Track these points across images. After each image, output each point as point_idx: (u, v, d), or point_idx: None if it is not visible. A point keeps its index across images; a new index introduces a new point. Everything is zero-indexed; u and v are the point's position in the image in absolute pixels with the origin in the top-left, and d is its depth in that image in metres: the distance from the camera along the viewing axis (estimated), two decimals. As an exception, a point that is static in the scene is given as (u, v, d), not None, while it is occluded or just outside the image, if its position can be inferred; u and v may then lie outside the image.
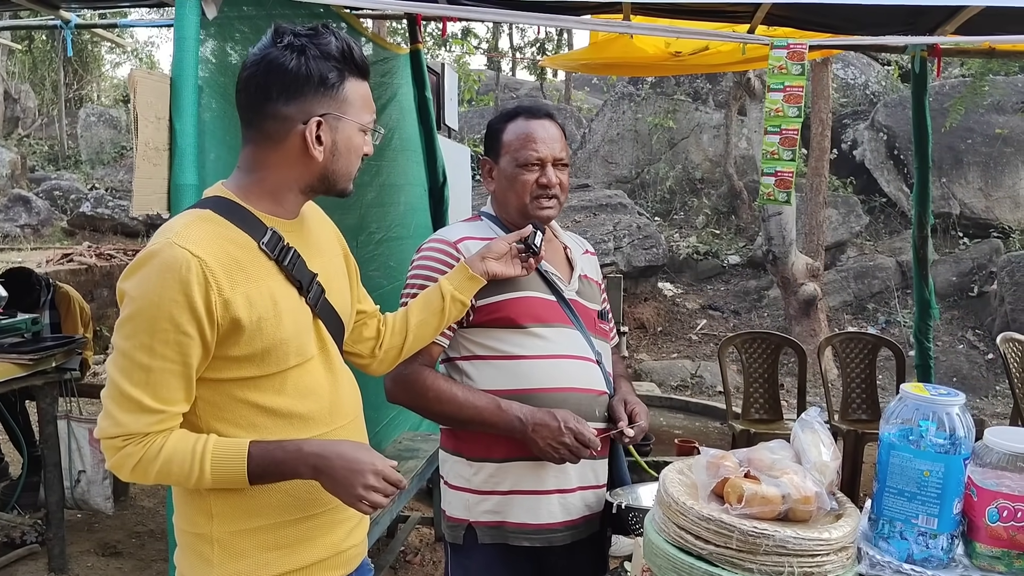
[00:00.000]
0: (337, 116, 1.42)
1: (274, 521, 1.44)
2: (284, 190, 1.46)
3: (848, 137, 12.76)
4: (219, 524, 1.42)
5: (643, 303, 10.69)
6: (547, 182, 1.95)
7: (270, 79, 1.39)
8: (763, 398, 5.09)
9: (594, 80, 20.50)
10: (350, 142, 1.46)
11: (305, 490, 1.45)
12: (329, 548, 1.51)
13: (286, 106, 1.40)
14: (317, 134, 1.41)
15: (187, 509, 1.46)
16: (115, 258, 9.42)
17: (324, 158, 1.43)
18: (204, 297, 1.30)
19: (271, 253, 1.41)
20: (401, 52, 4.24)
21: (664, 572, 1.37)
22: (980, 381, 8.82)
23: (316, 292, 1.49)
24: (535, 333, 1.92)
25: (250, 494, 1.41)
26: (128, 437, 1.32)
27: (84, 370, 4.53)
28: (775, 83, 3.46)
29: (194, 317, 1.30)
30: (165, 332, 1.30)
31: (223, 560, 1.42)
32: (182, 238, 1.32)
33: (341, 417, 1.53)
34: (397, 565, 3.96)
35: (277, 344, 1.39)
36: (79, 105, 19.40)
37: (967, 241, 10.99)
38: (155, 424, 1.33)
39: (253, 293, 1.37)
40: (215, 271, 1.32)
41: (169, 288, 1.29)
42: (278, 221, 1.46)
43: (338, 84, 1.42)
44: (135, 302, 1.31)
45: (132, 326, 1.31)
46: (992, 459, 1.32)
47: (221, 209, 1.41)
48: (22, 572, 3.81)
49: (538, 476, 1.91)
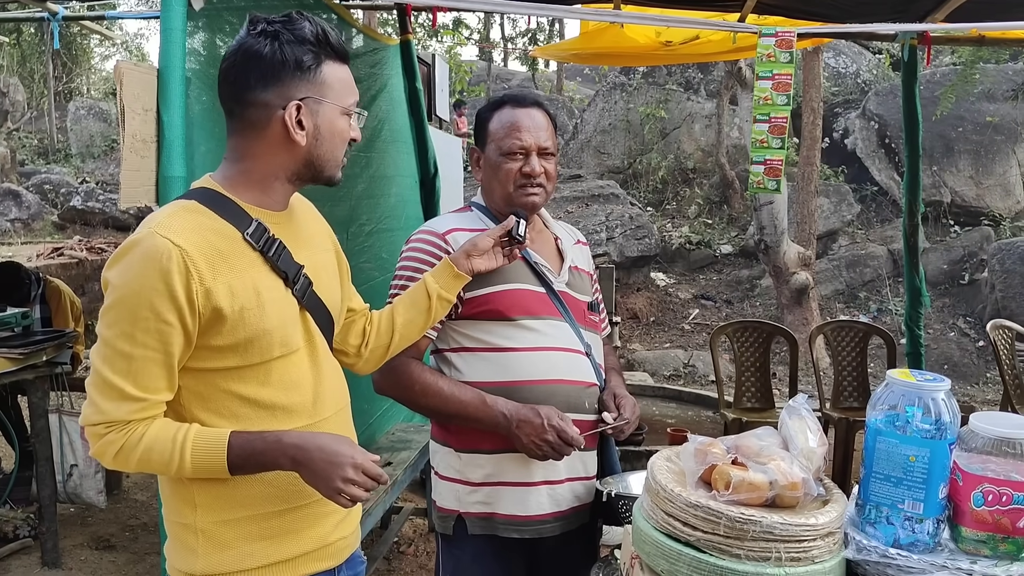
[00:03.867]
0: (317, 99, 1.43)
1: (258, 512, 1.44)
2: (271, 179, 1.47)
3: (839, 126, 12.78)
4: (203, 514, 1.43)
5: (636, 293, 10.71)
6: (530, 171, 1.94)
7: (248, 67, 1.40)
8: (755, 387, 5.10)
9: (586, 70, 20.50)
10: (332, 125, 1.46)
11: (289, 482, 1.45)
12: (315, 540, 1.51)
13: (264, 92, 1.40)
14: (297, 118, 1.41)
15: (173, 499, 1.46)
16: (106, 252, 9.40)
17: (307, 143, 1.44)
18: (185, 286, 1.31)
19: (255, 244, 1.42)
20: (391, 43, 4.22)
21: (652, 559, 1.37)
22: (971, 368, 8.86)
23: (303, 284, 1.49)
24: (524, 325, 1.92)
25: (233, 484, 1.42)
26: (110, 425, 1.33)
27: (75, 364, 4.52)
28: (764, 71, 3.46)
29: (175, 306, 1.31)
30: (146, 321, 1.30)
31: (208, 550, 1.43)
32: (164, 228, 1.32)
33: (325, 410, 1.53)
34: (391, 556, 3.97)
35: (260, 334, 1.39)
36: (68, 98, 19.28)
37: (958, 229, 11.03)
38: (136, 412, 1.33)
39: (235, 283, 1.37)
40: (196, 261, 1.32)
41: (150, 277, 1.29)
42: (264, 212, 1.46)
43: (315, 67, 1.42)
44: (117, 291, 1.32)
45: (114, 315, 1.32)
46: (977, 444, 1.33)
47: (206, 200, 1.41)
48: (15, 566, 3.80)
49: (526, 468, 1.91)
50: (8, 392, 4.43)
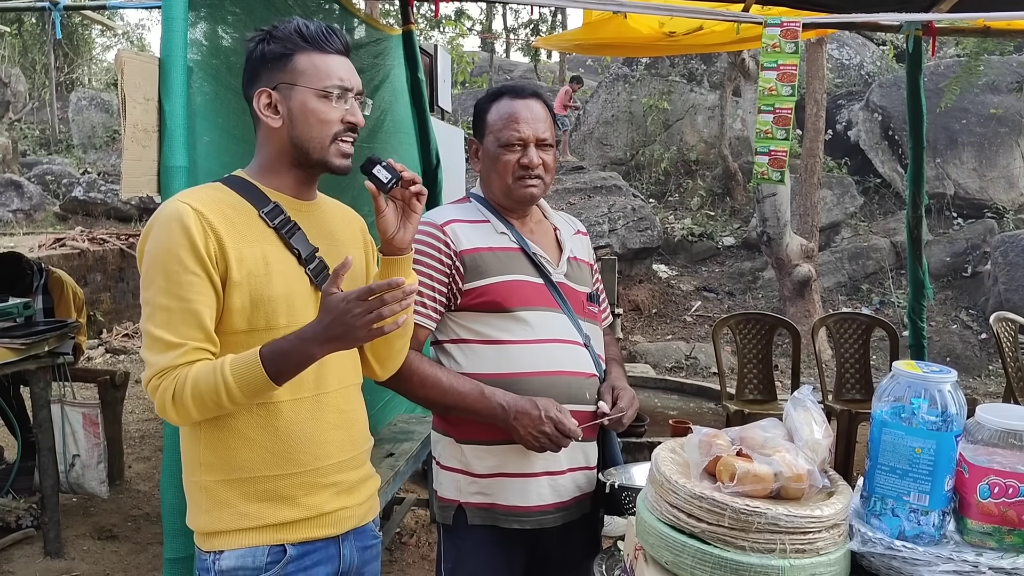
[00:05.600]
0: (289, 85, 1.55)
1: (253, 475, 1.53)
2: (276, 164, 1.60)
3: (843, 118, 12.74)
4: (207, 472, 1.54)
5: (638, 285, 10.71)
6: (528, 163, 1.93)
7: (244, 71, 1.60)
8: (757, 379, 5.10)
9: (588, 61, 20.43)
10: (305, 107, 1.55)
11: (283, 449, 1.54)
12: (311, 508, 1.57)
13: (250, 88, 1.58)
14: (266, 103, 1.56)
15: (187, 457, 1.58)
16: (108, 242, 9.39)
17: (283, 125, 1.56)
18: (204, 241, 1.44)
19: (270, 222, 1.54)
20: (394, 33, 4.21)
21: (656, 550, 1.37)
22: (973, 360, 8.86)
23: (318, 266, 1.58)
24: (521, 317, 1.91)
25: (233, 447, 1.52)
26: (160, 374, 1.44)
27: (77, 355, 4.52)
28: (769, 62, 3.44)
29: (197, 257, 1.44)
30: (176, 274, 1.43)
31: (210, 507, 1.54)
32: (183, 196, 1.50)
33: (327, 385, 1.60)
34: (393, 547, 3.98)
35: (265, 300, 1.50)
36: (70, 89, 19.27)
37: (961, 221, 11.02)
38: (179, 357, 1.43)
39: (245, 251, 1.49)
40: (211, 221, 1.46)
41: (175, 234, 1.44)
42: (285, 198, 1.59)
43: (287, 57, 1.55)
44: (149, 255, 1.46)
45: (150, 276, 1.46)
46: (983, 436, 1.32)
47: (230, 183, 1.58)
48: (18, 556, 3.81)
49: (527, 458, 1.90)
50: (10, 382, 4.44)
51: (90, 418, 3.88)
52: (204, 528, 1.54)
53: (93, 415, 3.89)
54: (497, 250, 1.96)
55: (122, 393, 4.91)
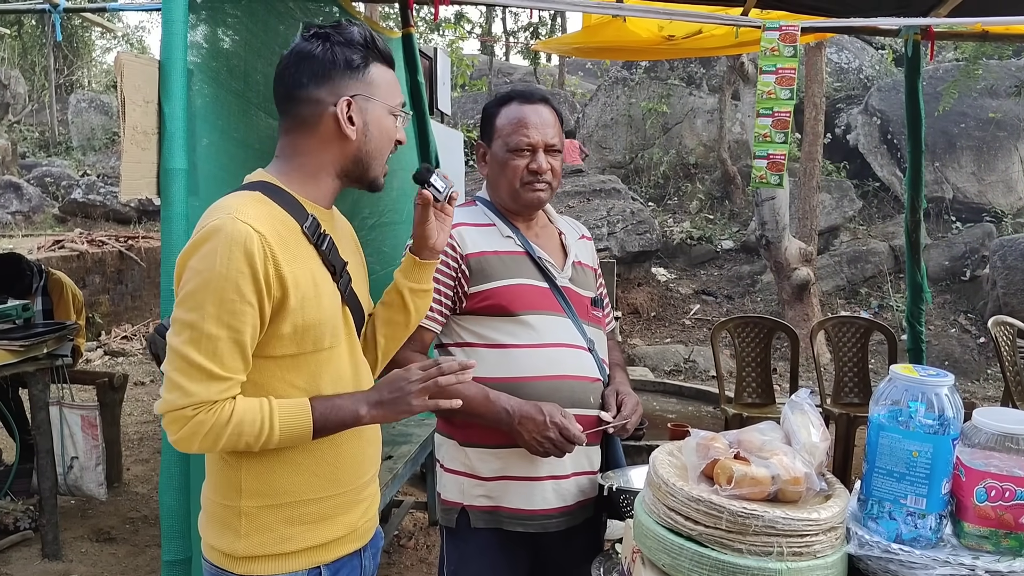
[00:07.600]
0: (366, 97, 1.50)
1: (298, 499, 1.50)
2: (322, 174, 1.53)
3: (842, 121, 12.75)
4: (248, 499, 1.48)
5: (636, 288, 10.70)
6: (537, 168, 1.94)
7: (301, 67, 1.48)
8: (756, 382, 5.10)
9: (588, 65, 20.44)
10: (381, 123, 1.52)
11: (328, 471, 1.52)
12: (347, 526, 1.57)
13: (317, 89, 1.48)
14: (348, 114, 1.48)
15: (219, 481, 1.52)
16: (107, 244, 9.38)
17: (357, 138, 1.50)
18: (264, 269, 1.37)
19: (311, 237, 1.48)
20: (393, 36, 4.21)
21: (654, 553, 1.37)
22: (972, 364, 8.86)
23: (346, 279, 1.55)
24: (526, 321, 1.92)
25: (279, 472, 1.48)
26: (198, 406, 1.36)
27: (76, 357, 4.52)
28: (767, 65, 3.45)
29: (256, 288, 1.37)
30: (232, 303, 1.36)
31: (249, 531, 1.49)
32: (243, 214, 1.38)
33: None
34: (391, 549, 3.98)
35: (316, 323, 1.46)
36: (70, 91, 19.23)
37: (960, 225, 11.02)
38: (224, 391, 1.38)
39: (298, 272, 1.43)
40: (273, 246, 1.39)
41: (236, 259, 1.35)
42: (316, 208, 1.53)
43: (363, 67, 1.50)
44: (201, 275, 1.36)
45: (199, 298, 1.36)
46: (980, 439, 1.32)
47: (269, 192, 1.47)
48: (16, 558, 3.81)
49: (532, 462, 1.91)
50: (9, 384, 4.43)
51: (88, 420, 3.87)
52: (241, 552, 1.49)
53: (92, 417, 3.88)
54: (503, 254, 1.96)
55: (121, 395, 4.91)
